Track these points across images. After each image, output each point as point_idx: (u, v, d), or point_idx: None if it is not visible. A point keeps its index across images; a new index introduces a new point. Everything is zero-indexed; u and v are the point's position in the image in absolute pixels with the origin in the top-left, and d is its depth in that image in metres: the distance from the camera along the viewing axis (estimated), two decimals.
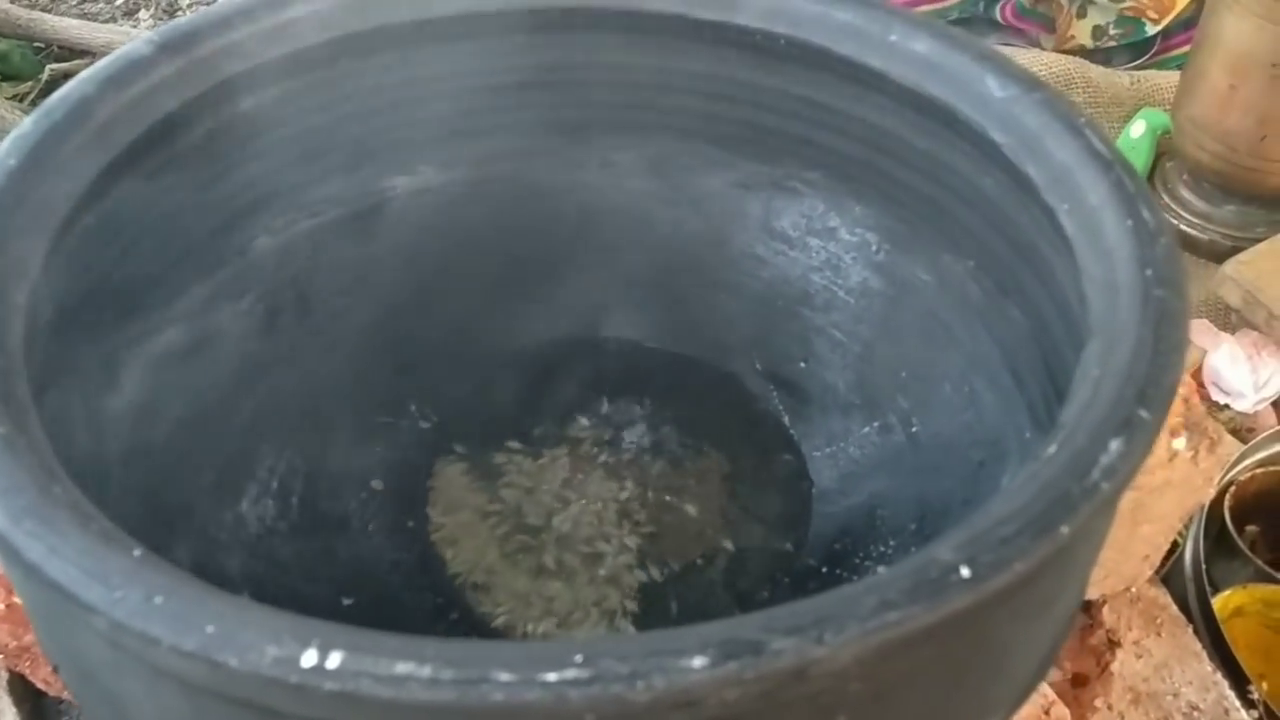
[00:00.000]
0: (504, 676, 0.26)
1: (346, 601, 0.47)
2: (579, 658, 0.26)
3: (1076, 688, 0.55)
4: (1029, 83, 0.46)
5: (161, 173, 0.48)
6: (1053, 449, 0.33)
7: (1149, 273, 0.38)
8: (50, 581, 0.28)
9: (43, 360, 0.40)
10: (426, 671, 0.26)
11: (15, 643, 0.52)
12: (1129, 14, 1.04)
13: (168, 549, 0.33)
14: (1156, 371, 0.34)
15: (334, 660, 0.26)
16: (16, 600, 0.50)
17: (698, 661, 0.26)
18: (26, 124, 0.44)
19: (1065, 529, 0.30)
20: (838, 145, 0.53)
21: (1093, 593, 0.58)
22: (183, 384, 0.50)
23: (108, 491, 0.43)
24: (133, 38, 1.39)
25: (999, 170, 0.46)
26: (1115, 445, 0.32)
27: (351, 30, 0.52)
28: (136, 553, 0.29)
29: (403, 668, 0.26)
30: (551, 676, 0.26)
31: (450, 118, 0.57)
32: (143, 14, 1.57)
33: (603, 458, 0.53)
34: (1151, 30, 1.05)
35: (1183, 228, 0.93)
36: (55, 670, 0.37)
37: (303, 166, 0.54)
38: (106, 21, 1.53)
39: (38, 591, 0.30)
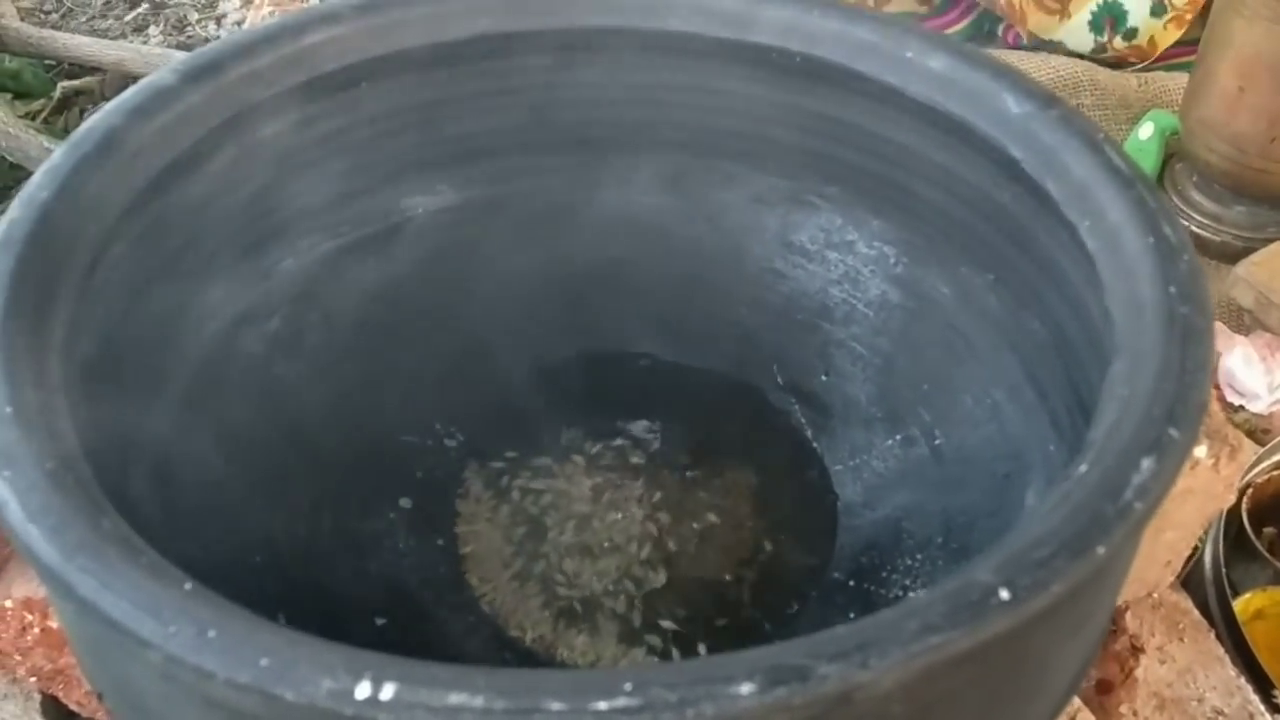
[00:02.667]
0: (555, 706, 0.27)
1: (380, 621, 0.48)
2: (629, 686, 0.27)
3: (1101, 694, 0.55)
4: (1046, 99, 0.47)
5: (187, 200, 0.49)
6: (1083, 468, 0.34)
7: (1172, 290, 0.38)
8: (104, 616, 0.29)
9: (78, 393, 0.40)
10: (479, 702, 0.27)
11: (50, 665, 0.52)
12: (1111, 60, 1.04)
13: (200, 573, 0.33)
14: (1184, 390, 0.35)
15: (387, 692, 0.27)
16: (52, 624, 0.51)
17: (745, 688, 0.27)
18: (57, 156, 0.45)
19: (1101, 550, 0.31)
20: (854, 160, 0.54)
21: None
22: (212, 408, 0.50)
23: (139, 518, 0.43)
24: (144, 54, 1.40)
25: (1017, 186, 0.47)
26: (1147, 465, 0.33)
27: (371, 54, 0.53)
28: (187, 586, 0.30)
29: (456, 698, 0.27)
30: (602, 705, 0.27)
31: (469, 137, 0.57)
32: (152, 30, 1.57)
33: (627, 474, 0.54)
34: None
35: (1193, 229, 0.94)
36: (100, 698, 0.38)
37: (325, 189, 0.55)
38: (116, 38, 1.53)
39: (89, 625, 0.30)
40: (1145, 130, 0.96)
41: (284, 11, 0.96)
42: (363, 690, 0.27)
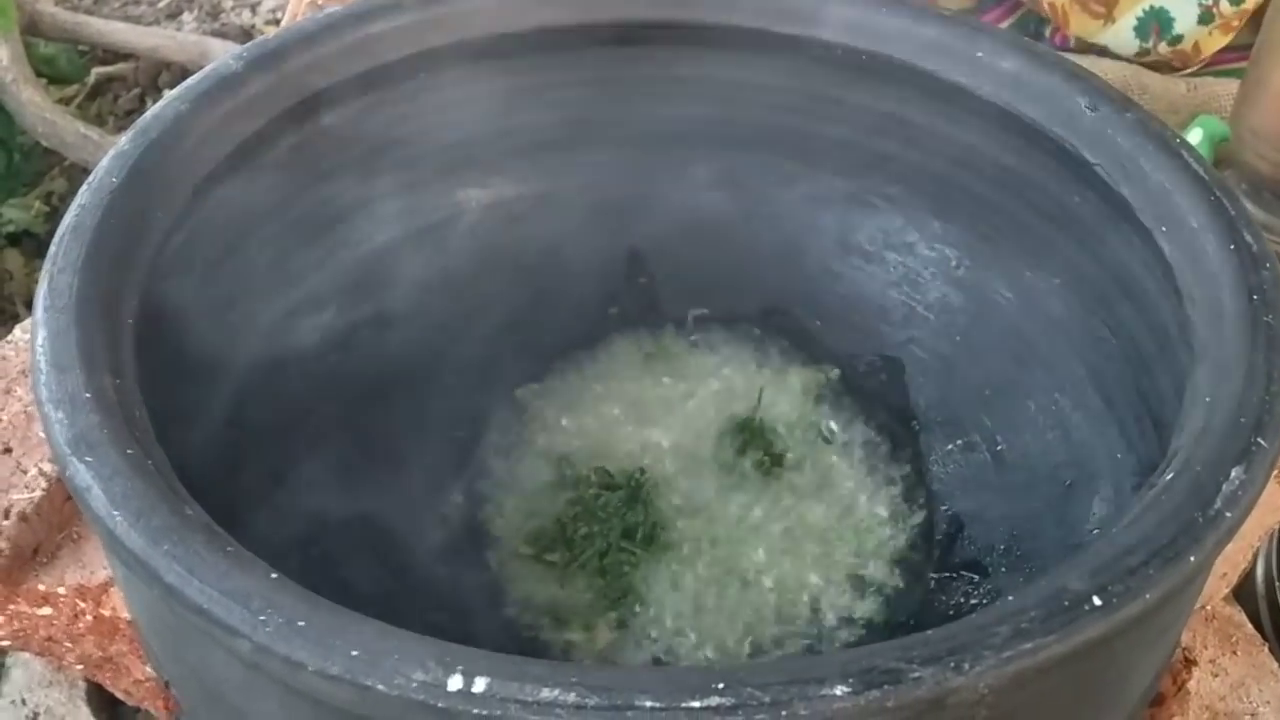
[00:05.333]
0: (648, 703, 0.26)
1: (432, 618, 0.47)
2: (721, 685, 0.27)
3: (1154, 706, 0.55)
4: (1121, 102, 0.46)
5: (249, 188, 0.49)
6: (1170, 475, 0.33)
7: (1256, 299, 0.38)
8: (191, 604, 0.29)
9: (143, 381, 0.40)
10: (572, 698, 0.26)
11: (100, 653, 0.52)
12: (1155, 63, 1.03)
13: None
14: (1271, 400, 0.34)
15: (479, 685, 0.27)
16: (104, 612, 0.51)
17: (839, 690, 0.27)
18: (125, 143, 0.45)
19: (1193, 558, 0.30)
20: (917, 160, 0.53)
21: None
22: (266, 399, 0.50)
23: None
24: (179, 41, 1.40)
25: (1089, 190, 0.46)
26: (1236, 474, 0.32)
27: (431, 45, 0.53)
28: (273, 575, 0.29)
29: (548, 694, 0.26)
30: (695, 704, 0.26)
31: (526, 131, 0.57)
32: (186, 16, 1.57)
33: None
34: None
35: None
36: (165, 685, 0.38)
37: (380, 180, 0.55)
38: (150, 24, 1.53)
39: (171, 612, 0.30)
40: (1193, 136, 0.95)
41: None
42: (455, 683, 0.27)
